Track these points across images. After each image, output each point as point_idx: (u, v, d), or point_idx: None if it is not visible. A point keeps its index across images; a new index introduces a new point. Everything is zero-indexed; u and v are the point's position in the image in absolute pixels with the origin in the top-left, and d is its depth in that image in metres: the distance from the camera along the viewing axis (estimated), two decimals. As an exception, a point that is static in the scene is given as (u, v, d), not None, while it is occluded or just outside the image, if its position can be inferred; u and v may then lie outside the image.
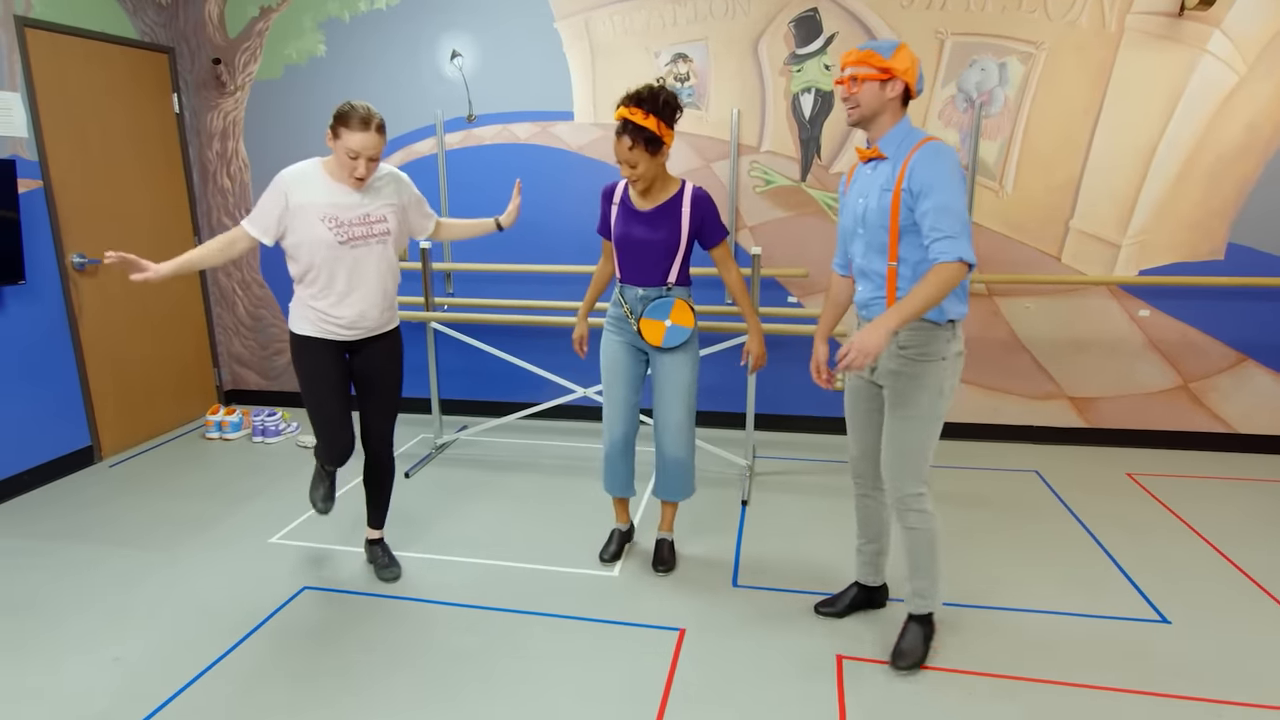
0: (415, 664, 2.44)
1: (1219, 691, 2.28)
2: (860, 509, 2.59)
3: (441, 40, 4.32)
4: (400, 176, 2.67)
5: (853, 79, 2.15)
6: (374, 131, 2.41)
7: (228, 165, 4.74)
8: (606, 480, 2.94)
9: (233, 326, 5.00)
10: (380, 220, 2.55)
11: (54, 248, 3.84)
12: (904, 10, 3.88)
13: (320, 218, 2.46)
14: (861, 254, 2.25)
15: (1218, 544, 3.15)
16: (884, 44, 2.14)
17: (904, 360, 2.21)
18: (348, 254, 2.50)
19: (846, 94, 2.18)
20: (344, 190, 2.50)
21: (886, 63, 2.11)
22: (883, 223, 2.15)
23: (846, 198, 2.34)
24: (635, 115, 2.45)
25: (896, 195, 2.11)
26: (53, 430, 3.89)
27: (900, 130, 2.17)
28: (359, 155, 2.41)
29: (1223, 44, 3.68)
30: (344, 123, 2.39)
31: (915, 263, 2.15)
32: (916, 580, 2.38)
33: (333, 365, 2.62)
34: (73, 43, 3.93)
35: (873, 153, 2.20)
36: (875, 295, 2.25)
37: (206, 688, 2.34)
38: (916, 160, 2.08)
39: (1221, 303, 3.97)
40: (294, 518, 3.43)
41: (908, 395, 2.22)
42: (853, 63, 2.15)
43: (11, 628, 2.65)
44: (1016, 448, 4.21)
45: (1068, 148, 3.91)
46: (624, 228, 2.66)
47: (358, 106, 2.41)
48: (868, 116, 2.17)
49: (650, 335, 2.66)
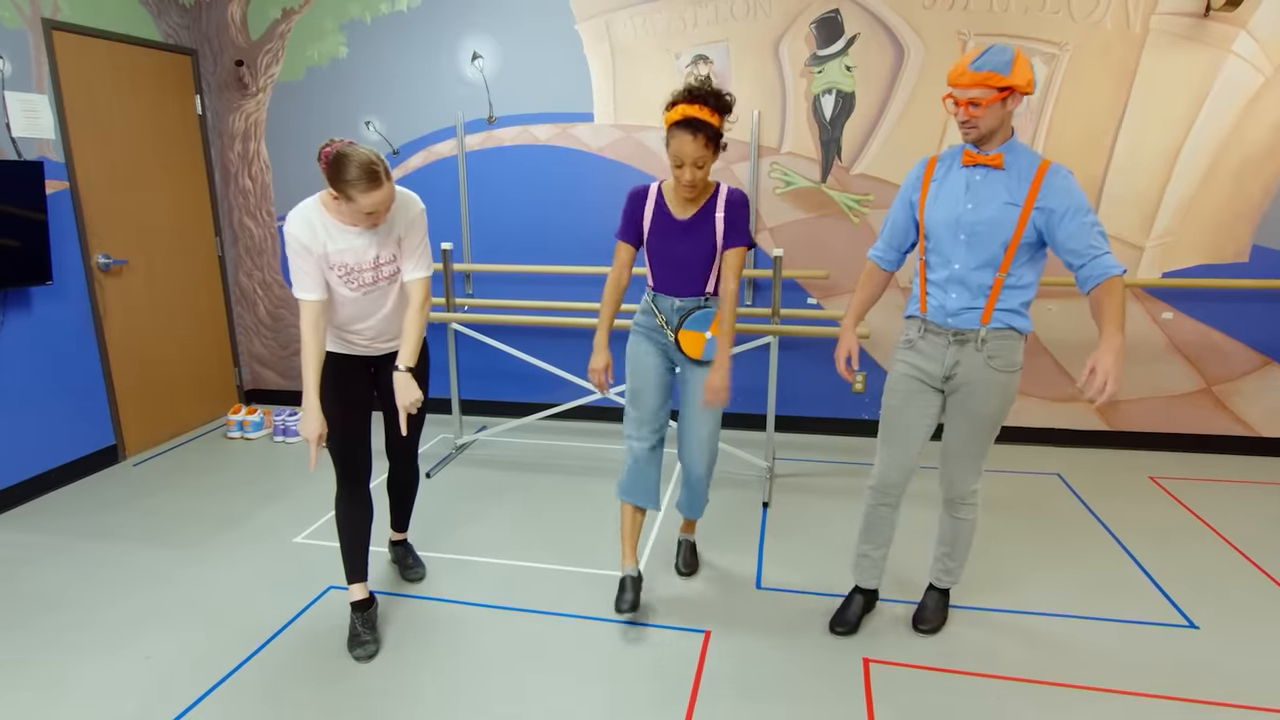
0: (443, 664, 2.45)
1: (1251, 698, 2.27)
2: (875, 518, 2.54)
3: (462, 42, 4.33)
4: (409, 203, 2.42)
5: (972, 103, 2.05)
6: (385, 182, 2.18)
7: (249, 166, 4.77)
8: (629, 489, 2.66)
9: (253, 326, 5.03)
10: (389, 262, 2.41)
11: (80, 249, 3.88)
12: (926, 11, 3.87)
13: (331, 267, 2.32)
14: (963, 261, 2.18)
15: (1243, 548, 3.13)
16: (998, 59, 2.01)
17: (991, 370, 2.23)
18: (361, 300, 2.40)
19: (966, 116, 2.08)
20: (352, 233, 2.33)
21: (1006, 80, 2.01)
22: (1002, 236, 2.12)
23: (936, 197, 2.22)
24: (703, 113, 2.26)
25: (1027, 212, 2.09)
26: (78, 429, 3.93)
27: (1016, 143, 2.14)
28: (374, 212, 2.22)
29: (1248, 45, 3.66)
30: (351, 185, 2.14)
31: (1022, 278, 2.17)
32: (949, 561, 2.57)
33: (357, 379, 2.52)
34: (98, 45, 3.97)
35: (992, 160, 2.12)
36: (971, 305, 2.20)
37: (236, 687, 2.36)
38: (1052, 181, 2.08)
39: (1246, 305, 3.94)
40: (317, 517, 3.45)
41: (989, 401, 2.26)
42: (969, 85, 2.04)
43: (42, 624, 2.68)
44: (1038, 450, 4.19)
45: (1091, 149, 3.90)
46: (661, 238, 2.51)
47: (353, 160, 2.13)
48: (987, 135, 2.11)
49: (690, 348, 2.53)
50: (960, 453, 2.38)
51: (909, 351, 2.35)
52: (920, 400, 2.35)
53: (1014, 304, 2.19)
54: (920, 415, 2.36)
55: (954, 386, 2.31)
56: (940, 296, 2.24)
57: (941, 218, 2.20)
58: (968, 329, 2.21)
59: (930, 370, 2.31)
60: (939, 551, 2.60)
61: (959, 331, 2.23)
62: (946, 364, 2.27)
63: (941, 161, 2.26)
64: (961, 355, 2.24)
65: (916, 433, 2.38)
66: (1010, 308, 2.19)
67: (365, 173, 2.14)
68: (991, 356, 2.22)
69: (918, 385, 2.35)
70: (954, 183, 2.20)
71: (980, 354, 2.22)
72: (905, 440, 2.39)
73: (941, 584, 2.63)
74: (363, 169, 2.14)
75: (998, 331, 2.21)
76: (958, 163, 2.21)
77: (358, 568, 2.58)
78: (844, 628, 2.58)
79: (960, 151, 2.21)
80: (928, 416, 2.36)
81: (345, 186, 2.17)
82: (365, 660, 2.48)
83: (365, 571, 2.59)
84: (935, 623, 2.61)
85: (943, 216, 2.20)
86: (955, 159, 2.23)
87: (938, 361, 2.28)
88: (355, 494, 2.53)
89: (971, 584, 2.86)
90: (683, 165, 2.33)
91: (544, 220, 4.48)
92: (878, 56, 3.96)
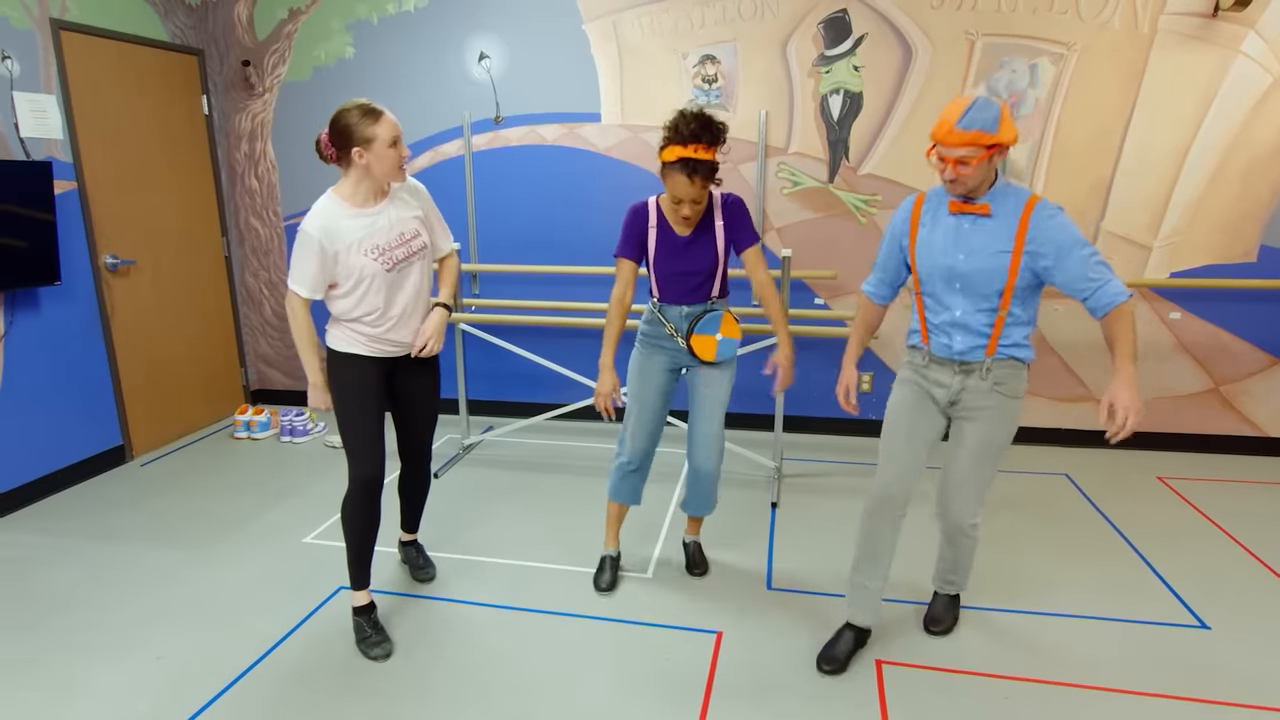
0: (454, 664, 2.45)
1: (1265, 698, 2.26)
2: (875, 540, 2.38)
3: (469, 42, 4.33)
4: (416, 185, 2.54)
5: (961, 162, 2.03)
6: (387, 111, 2.29)
7: (255, 166, 4.77)
8: (619, 490, 2.81)
9: (259, 326, 5.03)
10: (415, 235, 2.45)
11: (88, 249, 3.88)
12: (934, 11, 3.86)
13: (364, 251, 2.33)
14: (962, 308, 2.17)
15: (1253, 549, 3.13)
16: (984, 116, 1.98)
17: (999, 396, 2.23)
18: (397, 279, 2.41)
19: (954, 175, 2.05)
20: (372, 214, 2.36)
21: (994, 139, 1.99)
22: (996, 285, 2.12)
23: (928, 244, 2.20)
24: (699, 152, 2.30)
25: (1017, 257, 2.08)
26: (85, 429, 3.93)
27: (1002, 186, 2.11)
28: (398, 138, 2.30)
29: (1257, 45, 3.65)
30: (360, 126, 2.24)
31: (1023, 314, 2.17)
32: (953, 575, 2.58)
33: (377, 383, 2.50)
34: (106, 45, 3.97)
35: (979, 209, 2.11)
36: (977, 344, 2.19)
37: (249, 687, 2.36)
38: (1039, 223, 2.06)
39: (1253, 306, 3.94)
40: (326, 517, 3.45)
41: (994, 429, 2.26)
42: (957, 144, 2.00)
43: (52, 625, 2.68)
44: (1046, 450, 4.19)
45: (1099, 150, 3.89)
46: (666, 256, 2.56)
47: (350, 108, 2.26)
48: (974, 189, 2.09)
49: (703, 351, 2.59)
50: (963, 481, 2.34)
51: (914, 373, 2.35)
52: (926, 414, 2.32)
53: (1017, 338, 2.20)
54: (921, 427, 2.32)
55: (959, 412, 2.29)
56: (944, 339, 2.24)
57: (934, 267, 2.19)
58: (974, 361, 2.22)
59: (937, 394, 2.30)
60: (941, 567, 2.61)
61: (965, 363, 2.23)
62: (953, 389, 2.27)
63: (929, 201, 2.24)
64: (968, 383, 2.25)
65: (916, 444, 2.32)
66: (1013, 341, 2.20)
67: (365, 109, 2.26)
68: (998, 383, 2.22)
69: (924, 398, 2.32)
70: (944, 231, 2.18)
71: (986, 381, 2.22)
72: (906, 451, 2.32)
73: (945, 591, 2.65)
74: (361, 108, 2.26)
75: (1002, 361, 2.21)
76: (944, 207, 2.18)
77: (365, 575, 2.58)
78: (831, 666, 2.40)
79: (946, 195, 2.18)
80: (928, 430, 2.33)
81: (360, 130, 2.25)
82: (384, 659, 2.48)
83: (369, 577, 2.60)
84: (947, 624, 2.61)
85: (936, 266, 2.19)
86: (942, 203, 2.20)
87: (945, 387, 2.28)
88: (370, 497, 2.50)
89: (983, 585, 2.86)
90: (681, 202, 2.39)
91: (551, 220, 4.48)
92: (885, 56, 3.96)
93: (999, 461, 2.32)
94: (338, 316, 2.43)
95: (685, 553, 3.04)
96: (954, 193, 2.12)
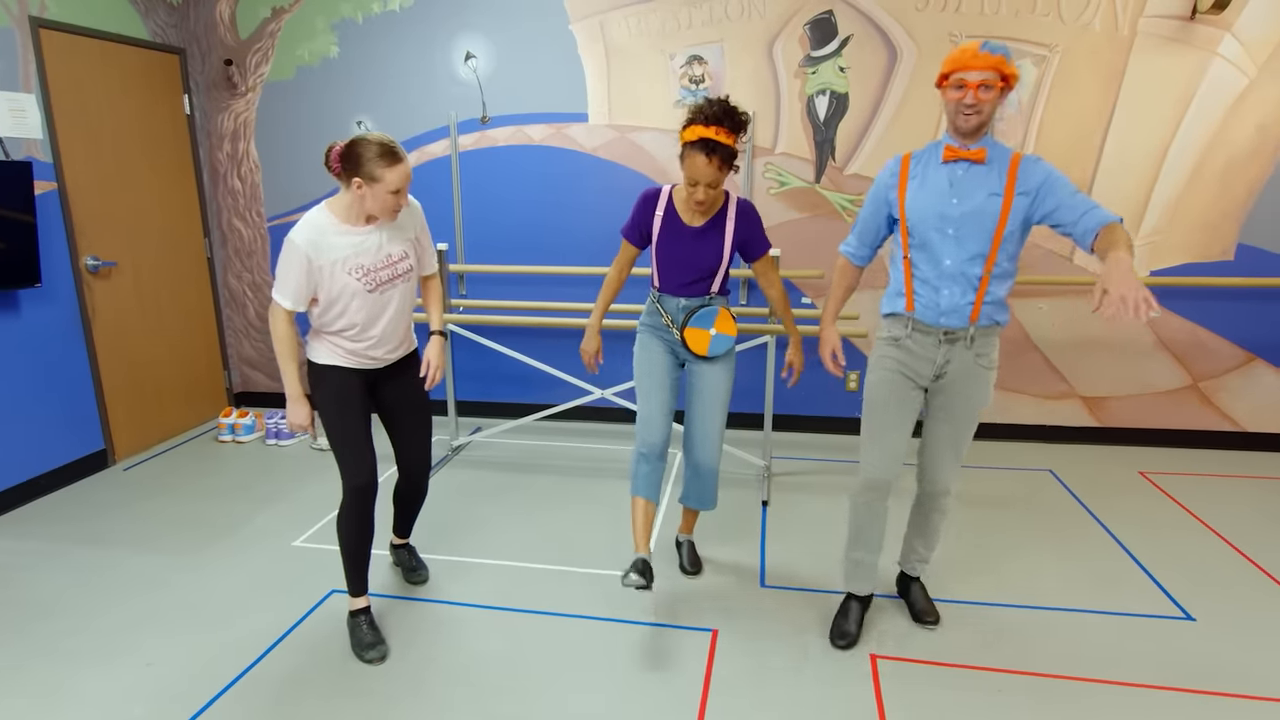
0: (449, 667, 2.44)
1: (1250, 688, 2.31)
2: (867, 517, 2.49)
3: (456, 41, 4.32)
4: (414, 205, 2.51)
5: (984, 85, 2.03)
6: (405, 158, 2.26)
7: (238, 167, 4.72)
8: (641, 484, 2.66)
9: (243, 329, 4.98)
10: (403, 258, 2.42)
11: (68, 250, 3.82)
12: (919, 13, 3.90)
13: (347, 270, 2.31)
14: (953, 256, 2.18)
15: (1234, 541, 3.19)
16: (1001, 48, 2.05)
17: (980, 367, 2.28)
18: (378, 299, 2.39)
19: (974, 100, 2.05)
20: (362, 234, 2.34)
21: (1012, 69, 2.05)
22: (989, 227, 2.15)
23: (919, 195, 2.22)
24: (719, 134, 2.30)
25: (1009, 199, 2.13)
26: (67, 433, 3.87)
27: (991, 138, 2.19)
28: (400, 189, 2.26)
29: (1233, 47, 3.72)
30: (372, 164, 2.20)
31: (1008, 268, 2.21)
32: (925, 550, 2.65)
33: (360, 394, 2.49)
34: (86, 43, 3.91)
35: (974, 155, 2.15)
36: (965, 301, 2.20)
37: (242, 693, 2.33)
38: (1027, 167, 2.13)
39: (1231, 303, 4.02)
40: (315, 520, 3.42)
41: (974, 398, 2.33)
42: (983, 67, 2.02)
43: (38, 631, 2.64)
44: (1030, 447, 4.24)
45: (1080, 150, 3.95)
46: (670, 243, 2.57)
47: (372, 142, 2.22)
48: (982, 125, 2.12)
49: (695, 345, 2.58)
50: (946, 450, 2.42)
51: (895, 349, 2.34)
52: (906, 397, 2.36)
53: (999, 295, 2.24)
54: (907, 412, 2.38)
55: (941, 385, 2.34)
56: (930, 295, 2.24)
57: (927, 215, 2.20)
58: (958, 328, 2.23)
59: (920, 369, 2.32)
60: (914, 543, 2.65)
61: (949, 330, 2.24)
62: (938, 363, 2.29)
63: (917, 159, 2.27)
64: (953, 354, 2.27)
65: (904, 429, 2.39)
66: (995, 299, 2.23)
67: (386, 149, 2.22)
68: (979, 354, 2.27)
69: (904, 382, 2.35)
70: (936, 179, 2.20)
71: (970, 351, 2.26)
72: (894, 437, 2.38)
73: (915, 572, 2.70)
74: (383, 146, 2.22)
75: (984, 329, 2.26)
76: (936, 159, 2.22)
77: (363, 583, 2.58)
78: (845, 640, 2.52)
79: (939, 147, 2.22)
80: (912, 413, 2.39)
81: (370, 167, 2.21)
82: (379, 661, 2.47)
83: (367, 583, 2.60)
84: (935, 612, 2.65)
85: (929, 213, 2.20)
86: (933, 155, 2.23)
87: (928, 361, 2.30)
88: (363, 506, 2.48)
89: (973, 579, 2.90)
90: (697, 184, 2.39)
91: (538, 221, 4.47)
92: (871, 58, 3.99)
93: (975, 426, 2.40)
94: (318, 329, 2.43)
95: (679, 551, 3.05)
96: (966, 125, 2.11)
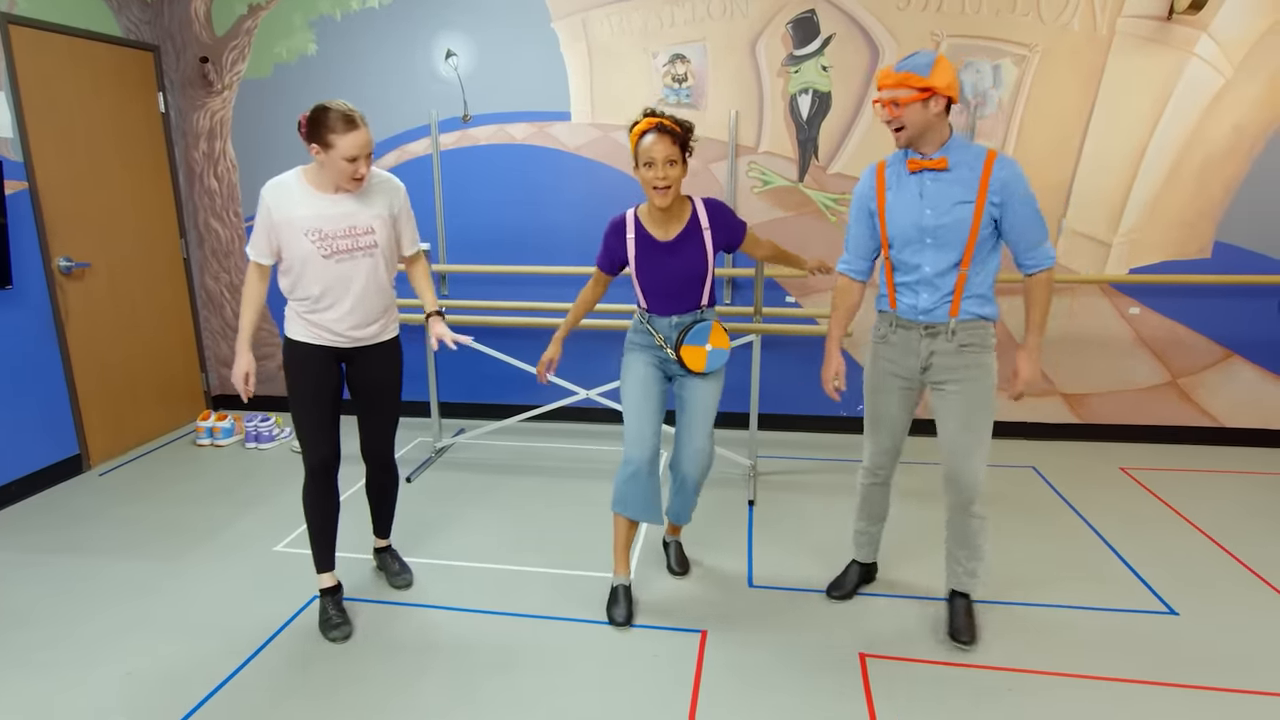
0: (437, 672, 2.41)
1: (1233, 680, 2.33)
2: (870, 495, 2.67)
3: (436, 39, 4.27)
4: (395, 184, 2.53)
5: (893, 102, 2.13)
6: (364, 127, 2.28)
7: (215, 166, 4.65)
8: (628, 503, 2.58)
9: (220, 330, 4.91)
10: (367, 232, 2.41)
11: (40, 251, 3.74)
12: (900, 12, 3.91)
13: (304, 231, 2.33)
14: (931, 263, 2.25)
15: (1215, 536, 3.23)
16: (920, 61, 2.11)
17: (970, 356, 2.29)
18: (333, 268, 2.38)
19: (889, 116, 2.17)
20: (329, 200, 2.37)
21: (926, 82, 2.09)
22: (962, 235, 2.19)
23: (895, 206, 2.27)
24: (667, 123, 2.36)
25: (980, 207, 2.16)
26: (40, 439, 3.79)
27: (957, 141, 2.21)
28: (357, 157, 2.27)
29: (1210, 47, 3.77)
30: (329, 129, 2.24)
31: (983, 267, 2.25)
32: (972, 563, 2.50)
33: (325, 371, 2.50)
34: (57, 40, 3.83)
35: (935, 164, 2.19)
36: (941, 303, 2.27)
37: (226, 701, 2.29)
38: (1000, 174, 2.15)
39: (1208, 300, 4.07)
40: (297, 525, 3.37)
41: (979, 387, 2.32)
42: (890, 85, 2.12)
43: (15, 641, 2.58)
44: (1012, 444, 4.27)
45: (1060, 149, 3.98)
46: (649, 263, 2.53)
47: (333, 108, 2.25)
48: (916, 136, 2.18)
49: (693, 363, 2.54)
50: (960, 444, 2.34)
51: (883, 346, 2.45)
52: (901, 394, 2.46)
53: (981, 289, 2.27)
54: (902, 407, 2.48)
55: (931, 379, 2.37)
56: (911, 297, 2.33)
57: (905, 227, 2.27)
58: (939, 323, 2.30)
59: (907, 364, 2.39)
60: (957, 554, 2.51)
61: (930, 325, 2.31)
62: (922, 356, 2.35)
63: (890, 166, 2.32)
64: (935, 346, 2.32)
65: (900, 422, 2.51)
66: (978, 294, 2.27)
67: (343, 116, 2.25)
68: (964, 345, 2.30)
69: (897, 381, 2.43)
70: (908, 190, 2.26)
71: (951, 343, 2.30)
72: (890, 430, 2.52)
73: (964, 588, 2.53)
74: (339, 113, 2.25)
75: (967, 322, 2.29)
76: (904, 168, 2.26)
77: (327, 557, 2.64)
78: (839, 592, 2.75)
79: (905, 156, 2.27)
80: (909, 406, 2.49)
81: (325, 133, 2.25)
82: (341, 641, 2.52)
83: (333, 560, 2.65)
84: (972, 633, 2.49)
85: (905, 225, 2.26)
86: (902, 164, 2.28)
87: (913, 354, 2.36)
88: (322, 483, 2.56)
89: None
90: (653, 163, 2.36)
91: (520, 220, 4.44)
92: (853, 57, 4.00)
93: (990, 418, 2.35)
94: (289, 302, 2.48)
95: (666, 552, 3.04)
96: (899, 143, 2.22)
